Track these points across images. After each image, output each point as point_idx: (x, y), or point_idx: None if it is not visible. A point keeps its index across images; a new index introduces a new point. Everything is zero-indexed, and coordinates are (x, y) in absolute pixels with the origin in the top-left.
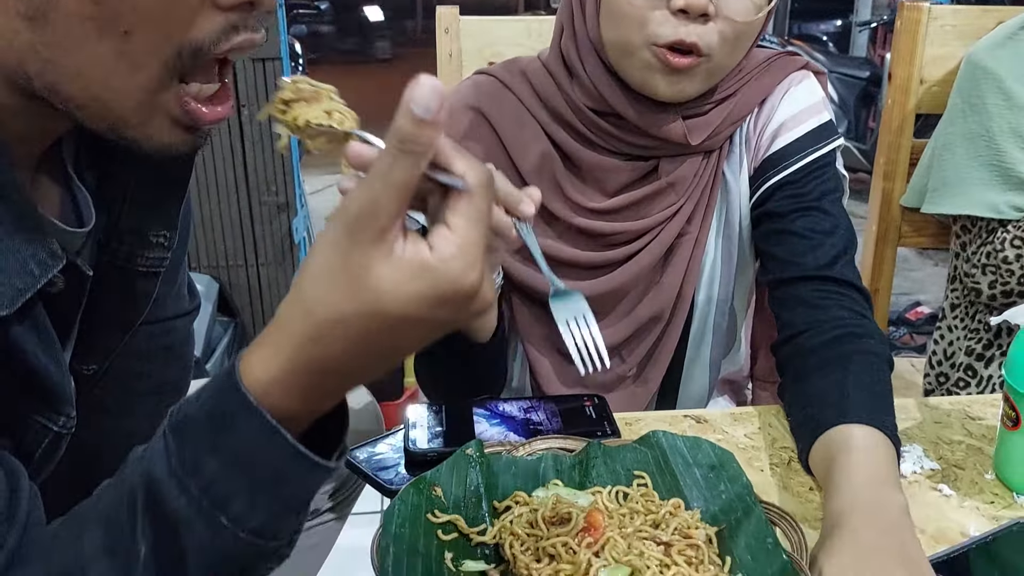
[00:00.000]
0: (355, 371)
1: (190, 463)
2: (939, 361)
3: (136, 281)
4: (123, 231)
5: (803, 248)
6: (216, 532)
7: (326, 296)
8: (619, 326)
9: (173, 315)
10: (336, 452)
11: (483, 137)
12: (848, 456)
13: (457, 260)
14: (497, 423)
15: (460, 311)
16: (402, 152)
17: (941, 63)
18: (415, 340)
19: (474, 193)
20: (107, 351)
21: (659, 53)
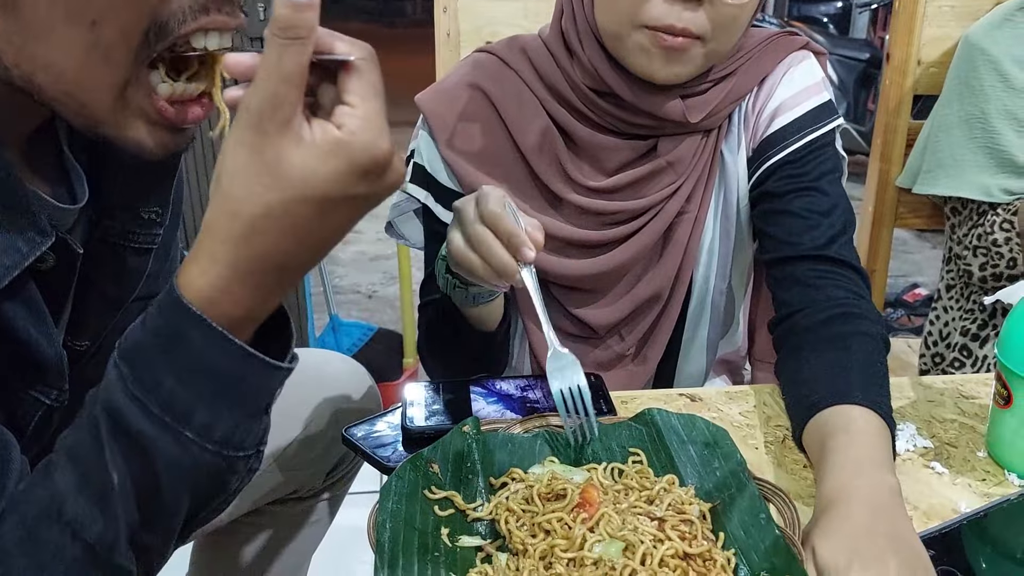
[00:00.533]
0: (292, 262)
1: (148, 383)
2: (935, 341)
3: (128, 258)
4: (115, 207)
5: (800, 228)
6: (184, 448)
7: (248, 193)
8: (619, 304)
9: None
10: (288, 354)
11: (484, 115)
12: (842, 437)
13: (365, 132)
14: (494, 401)
15: (378, 183)
16: (288, 40)
17: (939, 44)
18: (344, 220)
19: (363, 68)
20: (100, 327)
21: (651, 34)
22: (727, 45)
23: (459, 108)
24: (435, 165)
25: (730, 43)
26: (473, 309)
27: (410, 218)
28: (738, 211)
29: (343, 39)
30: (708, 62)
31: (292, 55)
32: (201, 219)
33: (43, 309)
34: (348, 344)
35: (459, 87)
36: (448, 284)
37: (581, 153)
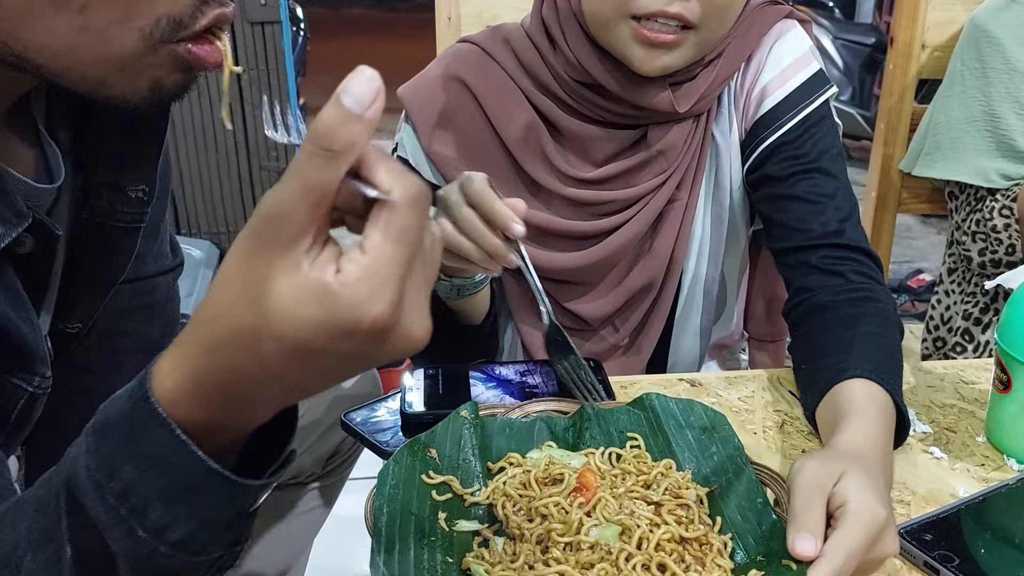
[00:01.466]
0: (259, 391)
1: (108, 468)
2: (936, 326)
3: (116, 237)
4: (100, 186)
5: (808, 214)
6: (137, 542)
7: (226, 306)
8: (611, 296)
9: (155, 272)
10: (270, 469)
11: (466, 109)
12: (860, 412)
13: (361, 285)
14: (493, 386)
15: (372, 346)
16: (317, 150)
17: (944, 28)
18: (327, 371)
19: (397, 208)
20: (90, 309)
21: (636, 29)
22: (719, 33)
23: (441, 102)
24: (418, 159)
25: (723, 31)
26: (458, 302)
27: None
28: (731, 193)
29: (392, 168)
30: (699, 51)
31: (316, 168)
32: (200, 197)
33: (21, 293)
34: None
35: (440, 79)
36: None
37: (567, 144)
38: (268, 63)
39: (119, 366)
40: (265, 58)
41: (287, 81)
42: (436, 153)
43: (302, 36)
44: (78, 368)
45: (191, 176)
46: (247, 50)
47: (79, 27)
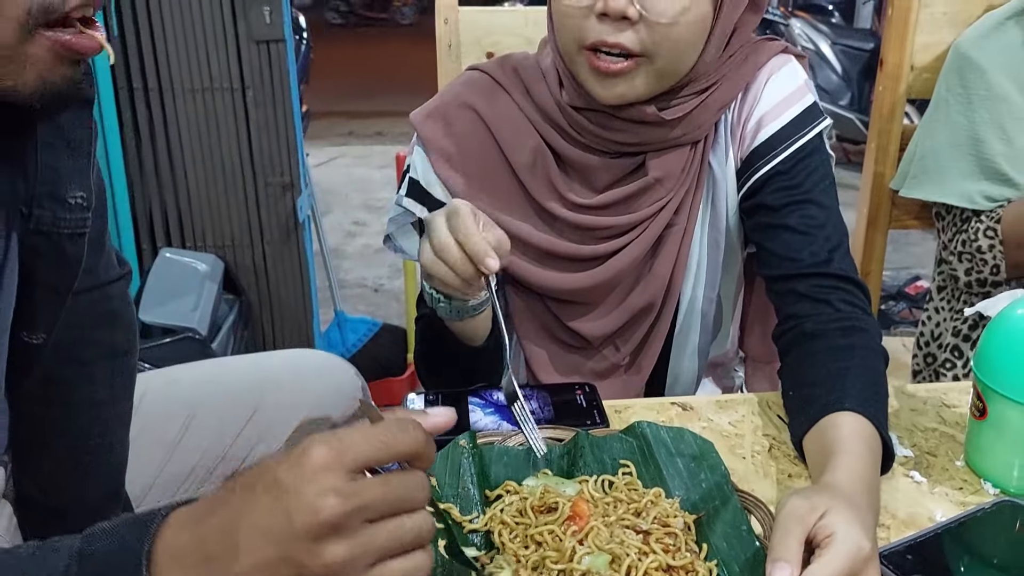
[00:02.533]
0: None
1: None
2: (927, 342)
3: (64, 244)
4: (41, 197)
5: (799, 243)
6: None
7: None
8: (613, 316)
9: (107, 281)
10: None
11: (477, 134)
12: (849, 449)
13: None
14: (491, 412)
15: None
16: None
17: (932, 49)
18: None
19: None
20: (51, 318)
21: (589, 58)
22: (674, 64)
23: (452, 127)
24: (429, 180)
25: (677, 61)
26: (459, 323)
27: (408, 232)
28: (727, 218)
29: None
30: (660, 81)
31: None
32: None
33: None
34: (353, 340)
35: (452, 106)
36: (432, 298)
37: (571, 172)
38: (273, 81)
39: (90, 376)
40: (271, 76)
41: (291, 98)
42: (446, 176)
43: (304, 45)
44: (51, 380)
45: (196, 191)
46: (252, 68)
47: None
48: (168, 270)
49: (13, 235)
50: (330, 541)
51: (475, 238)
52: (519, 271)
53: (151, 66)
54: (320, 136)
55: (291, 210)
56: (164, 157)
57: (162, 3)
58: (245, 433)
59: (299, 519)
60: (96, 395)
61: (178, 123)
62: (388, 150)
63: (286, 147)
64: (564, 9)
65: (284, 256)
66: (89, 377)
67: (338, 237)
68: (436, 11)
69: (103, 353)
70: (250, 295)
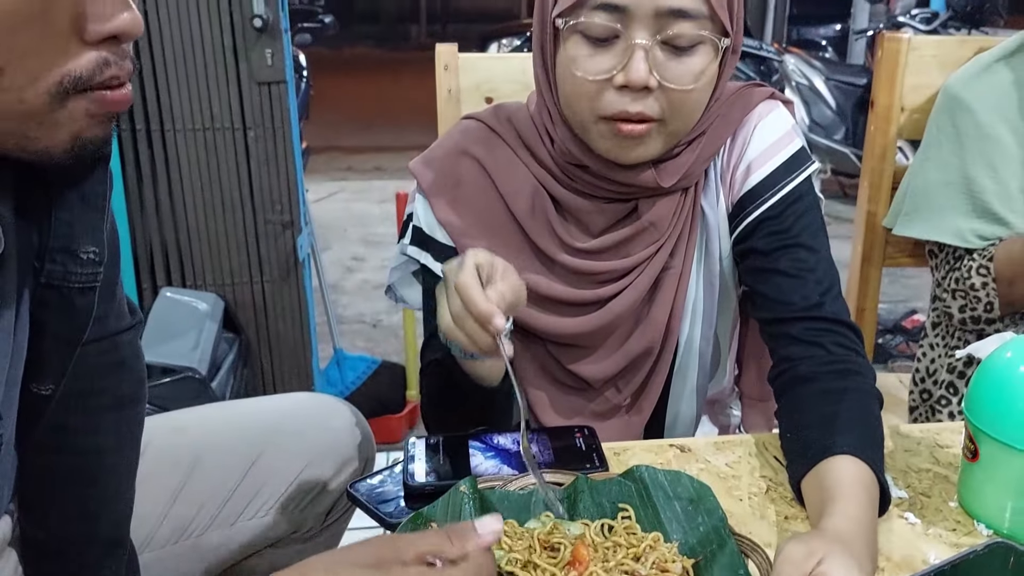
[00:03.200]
0: None
1: None
2: (922, 378)
3: (74, 298)
4: (54, 251)
5: (790, 287)
6: None
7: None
8: (613, 358)
9: (117, 331)
10: None
11: (477, 181)
12: (846, 493)
13: None
14: (492, 456)
15: None
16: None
17: (922, 91)
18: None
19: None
20: (60, 370)
21: (611, 124)
22: (687, 124)
23: (452, 174)
24: (432, 227)
25: (690, 121)
26: (474, 364)
27: (410, 282)
28: (720, 261)
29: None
30: (670, 141)
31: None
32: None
33: None
34: (352, 377)
35: (451, 154)
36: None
37: (568, 216)
38: (274, 121)
39: (96, 425)
40: (272, 116)
41: (292, 138)
42: (448, 222)
43: (304, 83)
44: (59, 429)
45: (197, 230)
46: (253, 109)
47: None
48: (169, 309)
49: (25, 291)
50: None
51: (478, 300)
52: (520, 315)
53: (153, 107)
54: (319, 171)
55: (291, 248)
56: (165, 196)
57: (165, 45)
58: (248, 479)
59: None
60: (103, 443)
61: (179, 162)
62: (387, 185)
63: (286, 186)
64: (578, 82)
65: (284, 294)
66: (96, 425)
67: (337, 272)
68: (436, 58)
69: (111, 402)
70: (249, 333)
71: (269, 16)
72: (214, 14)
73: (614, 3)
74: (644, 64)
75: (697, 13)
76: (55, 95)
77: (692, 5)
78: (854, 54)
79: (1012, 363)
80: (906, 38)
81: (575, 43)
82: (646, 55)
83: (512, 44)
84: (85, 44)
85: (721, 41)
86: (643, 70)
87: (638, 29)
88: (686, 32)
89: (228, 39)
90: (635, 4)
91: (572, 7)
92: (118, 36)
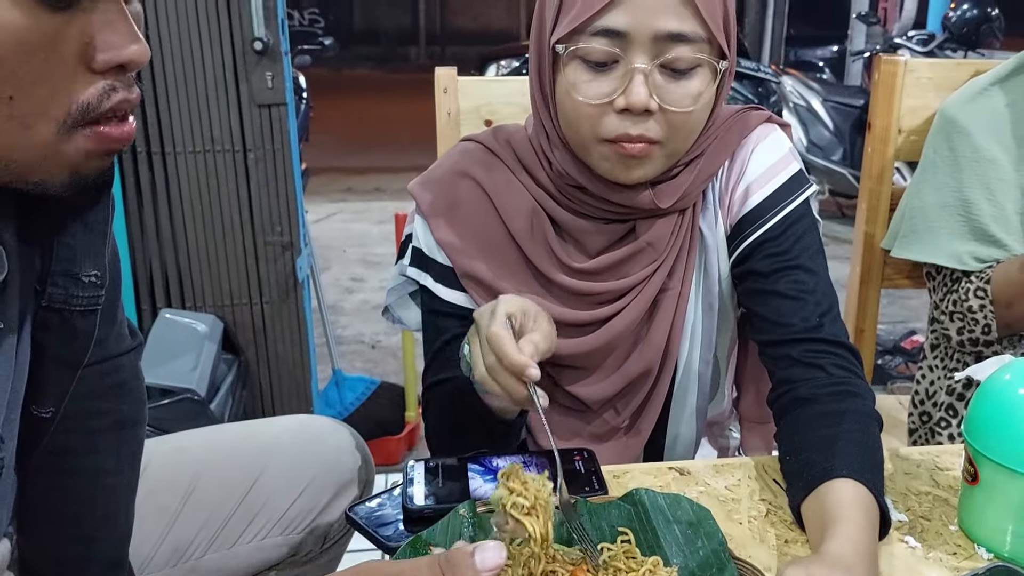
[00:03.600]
0: None
1: None
2: (921, 400)
3: (76, 321)
4: (56, 274)
5: (789, 309)
6: None
7: None
8: (611, 380)
9: (118, 353)
10: None
11: (476, 202)
12: (847, 517)
13: None
14: (491, 479)
15: None
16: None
17: (918, 113)
18: None
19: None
20: (61, 392)
21: (612, 146)
22: (686, 144)
23: (451, 195)
24: (431, 248)
25: (689, 142)
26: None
27: (407, 303)
28: (719, 282)
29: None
30: (671, 160)
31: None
32: (205, 270)
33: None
34: (351, 398)
35: (450, 175)
36: (467, 366)
37: (566, 236)
38: (274, 143)
39: (96, 446)
40: (272, 138)
41: (291, 159)
42: (447, 244)
43: (304, 104)
44: (58, 451)
45: (196, 251)
46: (254, 130)
47: (6, 115)
48: (168, 331)
49: (27, 314)
50: None
51: (513, 357)
52: None
53: (154, 129)
54: (319, 192)
55: (290, 269)
56: (165, 217)
57: (165, 67)
58: (246, 502)
59: None
60: (102, 465)
61: (179, 184)
62: (386, 206)
63: (286, 207)
64: (579, 106)
65: (283, 315)
66: (95, 447)
67: (336, 293)
68: (435, 81)
69: (111, 424)
70: (248, 354)
71: (269, 39)
72: (215, 37)
73: (614, 28)
74: (644, 88)
75: (695, 37)
76: (62, 125)
77: (690, 29)
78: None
79: (1011, 385)
80: (903, 60)
81: (575, 68)
82: (646, 79)
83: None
84: (93, 73)
85: (719, 64)
86: (643, 93)
87: (637, 53)
88: (685, 55)
89: (229, 61)
90: (634, 29)
91: (571, 33)
92: (125, 65)
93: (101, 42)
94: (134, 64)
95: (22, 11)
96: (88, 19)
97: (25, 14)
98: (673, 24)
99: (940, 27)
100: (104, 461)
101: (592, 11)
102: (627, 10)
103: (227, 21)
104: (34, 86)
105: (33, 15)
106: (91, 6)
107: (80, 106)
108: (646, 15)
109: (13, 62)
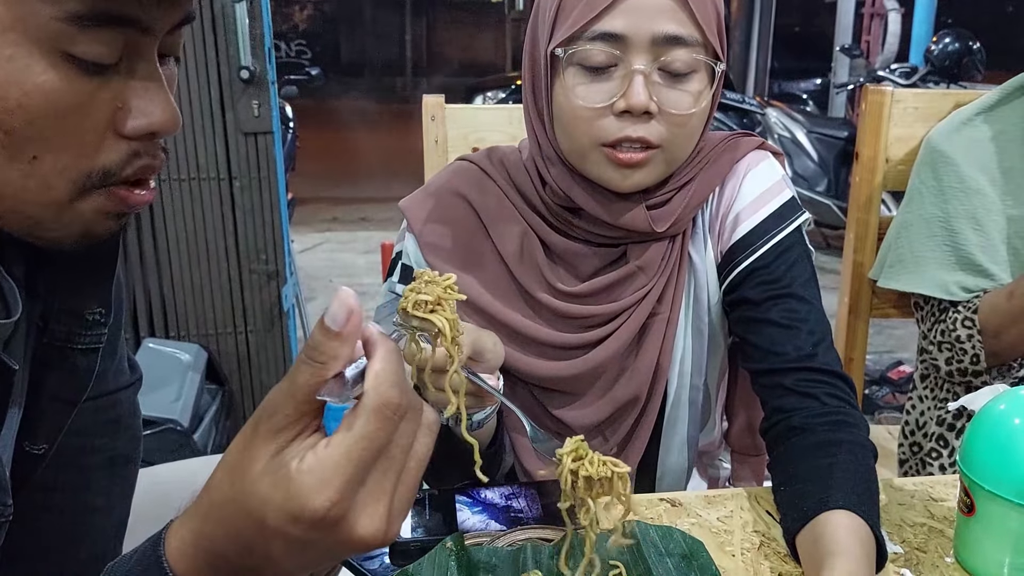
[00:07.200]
0: (240, 562)
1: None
2: (911, 431)
3: (77, 359)
4: (60, 312)
5: (782, 338)
6: None
7: (220, 478)
8: (598, 406)
9: (116, 388)
10: None
11: (467, 222)
12: (844, 549)
13: (310, 476)
14: (479, 511)
15: (318, 535)
16: (307, 359)
17: (905, 143)
18: (286, 556)
19: (363, 411)
20: (55, 429)
21: (609, 153)
22: (685, 149)
23: (443, 214)
24: (420, 263)
25: (690, 146)
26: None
27: None
28: (709, 308)
29: (380, 374)
30: (669, 166)
31: (304, 373)
32: (190, 299)
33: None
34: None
35: (442, 193)
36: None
37: (557, 259)
38: (260, 171)
39: (87, 483)
40: (258, 166)
41: (277, 188)
42: (436, 262)
43: (291, 134)
44: (48, 488)
45: (181, 280)
46: (240, 159)
47: (27, 174)
48: (151, 360)
49: (28, 350)
50: (346, 522)
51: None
52: (506, 358)
53: None
54: (305, 222)
55: (276, 298)
56: (149, 244)
57: None
58: None
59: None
60: (92, 503)
61: (164, 211)
62: (373, 236)
63: (271, 236)
64: (578, 110)
65: (268, 345)
66: (87, 485)
67: None
68: (423, 108)
69: (104, 461)
70: (232, 384)
71: (256, 68)
72: (201, 65)
73: (612, 32)
74: (644, 89)
75: (692, 40)
76: (79, 184)
77: (687, 32)
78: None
79: (1006, 415)
80: (890, 91)
81: (573, 73)
82: (645, 81)
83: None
84: (120, 137)
85: (717, 65)
86: (643, 95)
87: (636, 56)
88: (682, 58)
89: (215, 90)
90: (633, 32)
91: (570, 38)
92: (156, 132)
93: (134, 108)
94: (164, 132)
95: (59, 73)
96: (124, 84)
97: (61, 76)
98: (671, 27)
99: (923, 60)
100: (94, 499)
101: (591, 15)
102: (625, 14)
103: (213, 49)
104: (62, 150)
105: (69, 78)
106: (128, 70)
107: (101, 169)
108: (644, 19)
109: (43, 124)
